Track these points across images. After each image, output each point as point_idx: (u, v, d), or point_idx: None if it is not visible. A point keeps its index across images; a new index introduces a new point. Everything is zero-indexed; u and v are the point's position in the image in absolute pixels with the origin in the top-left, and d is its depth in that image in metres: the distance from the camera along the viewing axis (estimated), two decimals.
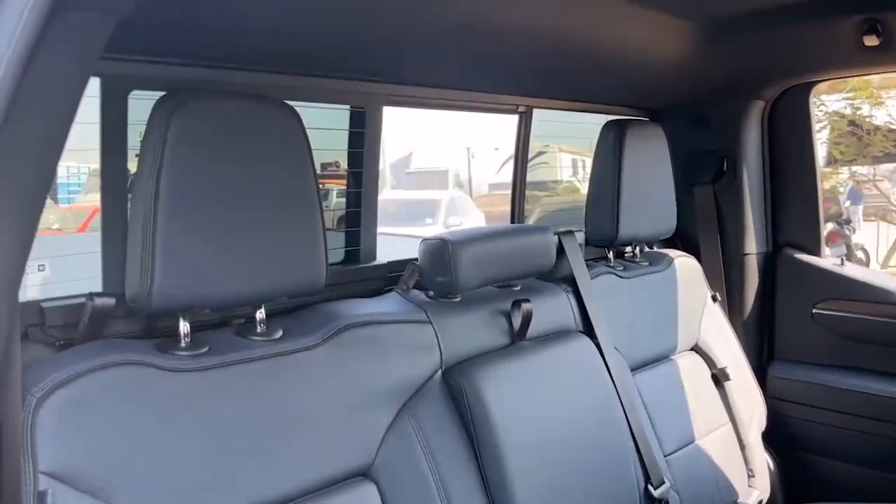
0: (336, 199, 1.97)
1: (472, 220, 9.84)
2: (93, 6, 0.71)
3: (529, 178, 2.15)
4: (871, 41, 1.72)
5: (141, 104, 1.28)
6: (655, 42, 1.75)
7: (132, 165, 1.28)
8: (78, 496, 0.96)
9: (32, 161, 0.70)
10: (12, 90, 0.63)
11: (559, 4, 1.41)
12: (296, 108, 1.19)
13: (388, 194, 10.51)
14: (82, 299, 1.14)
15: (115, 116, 1.30)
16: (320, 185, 1.22)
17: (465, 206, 10.35)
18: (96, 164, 1.33)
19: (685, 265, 2.13)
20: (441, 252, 1.50)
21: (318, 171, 1.24)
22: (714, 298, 2.17)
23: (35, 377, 0.98)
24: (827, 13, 1.71)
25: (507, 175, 2.17)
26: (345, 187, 1.74)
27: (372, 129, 1.70)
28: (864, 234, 9.61)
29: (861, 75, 2.98)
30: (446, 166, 12.94)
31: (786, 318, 2.29)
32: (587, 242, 1.99)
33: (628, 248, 2.07)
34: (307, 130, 1.19)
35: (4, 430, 0.77)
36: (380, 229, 1.80)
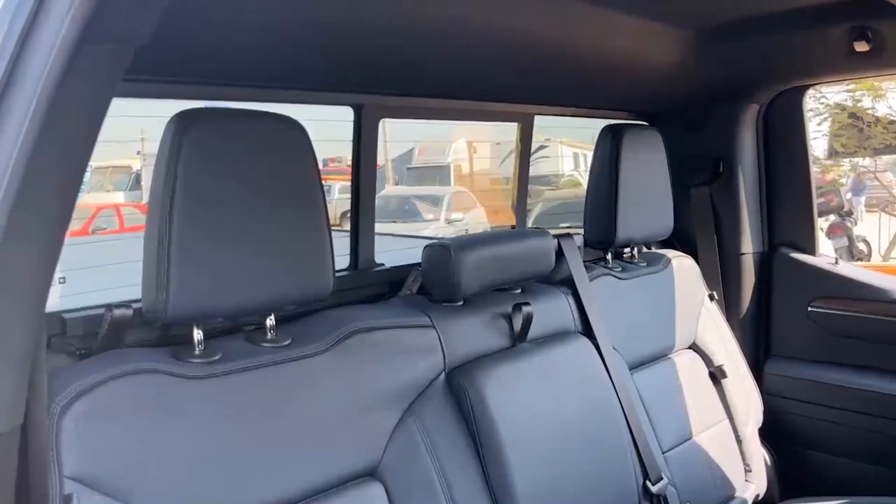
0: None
1: (474, 215, 9.84)
2: (112, 39, 0.75)
3: (531, 172, 2.18)
4: (861, 47, 1.75)
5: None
6: (652, 50, 1.78)
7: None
8: (101, 499, 1.00)
9: (58, 183, 0.73)
10: (43, 119, 0.68)
11: (560, 17, 1.45)
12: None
13: (390, 190, 10.48)
14: (101, 310, 1.17)
15: (369, 138, 1.67)
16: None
17: (467, 201, 10.35)
18: (98, 162, 1.41)
19: (682, 265, 2.15)
20: (444, 257, 1.53)
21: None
22: (711, 297, 2.19)
23: (59, 385, 1.01)
24: (818, 20, 1.74)
25: (508, 169, 2.21)
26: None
27: (524, 141, 2.00)
28: (867, 225, 9.60)
29: (853, 79, 3.01)
30: (448, 161, 12.91)
31: (781, 316, 2.32)
32: (586, 244, 2.02)
33: (627, 250, 2.09)
34: None
35: (31, 436, 0.82)
36: (380, 228, 1.85)
